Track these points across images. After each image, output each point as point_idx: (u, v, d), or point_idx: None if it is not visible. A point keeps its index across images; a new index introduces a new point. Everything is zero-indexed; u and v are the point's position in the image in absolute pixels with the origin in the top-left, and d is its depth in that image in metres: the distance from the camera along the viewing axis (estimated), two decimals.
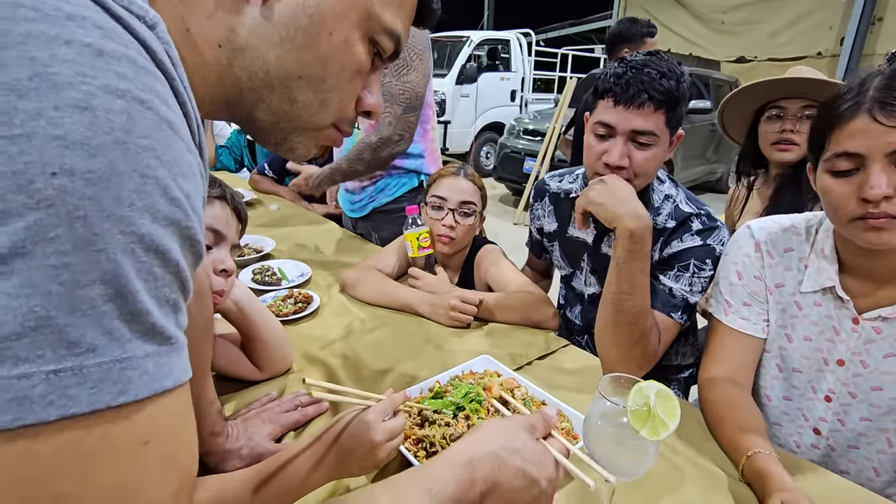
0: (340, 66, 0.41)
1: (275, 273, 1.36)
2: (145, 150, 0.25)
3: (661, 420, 0.52)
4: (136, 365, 0.25)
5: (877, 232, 0.68)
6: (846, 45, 6.49)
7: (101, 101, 0.24)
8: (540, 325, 1.16)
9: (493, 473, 0.48)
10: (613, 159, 0.95)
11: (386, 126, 1.40)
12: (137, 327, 0.25)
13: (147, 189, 0.25)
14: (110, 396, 0.24)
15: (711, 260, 1.00)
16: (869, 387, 0.80)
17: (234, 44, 0.37)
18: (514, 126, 5.63)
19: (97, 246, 0.23)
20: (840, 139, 0.70)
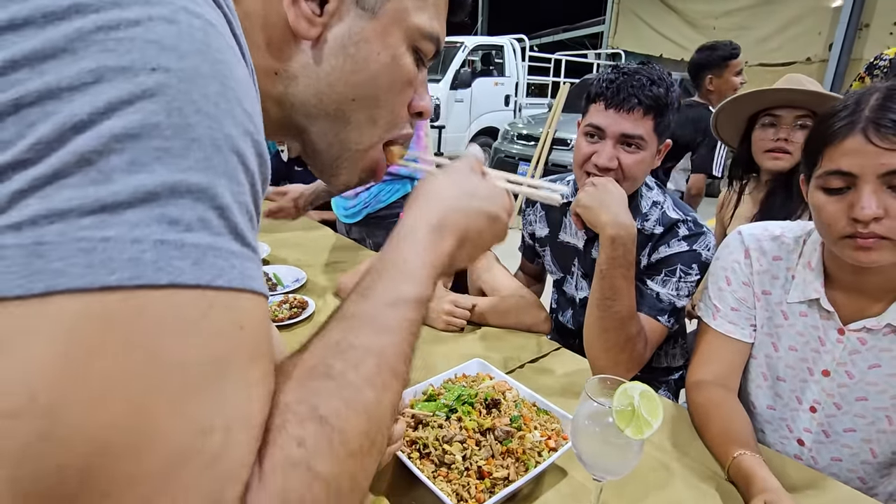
0: (390, 81, 0.43)
1: (270, 278, 1.37)
2: (221, 63, 0.28)
3: (644, 419, 0.54)
4: (225, 257, 0.26)
5: (865, 251, 0.69)
6: (834, 50, 6.59)
7: (184, 17, 0.26)
8: (532, 328, 1.18)
9: (459, 224, 0.46)
10: (602, 161, 0.98)
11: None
12: (224, 223, 0.26)
13: (227, 95, 0.27)
14: (210, 276, 0.25)
15: (697, 265, 1.02)
16: (854, 397, 0.81)
17: (288, 73, 0.40)
18: (508, 131, 5.67)
19: (191, 135, 0.25)
20: (833, 157, 0.71)
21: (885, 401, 0.79)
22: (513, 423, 0.73)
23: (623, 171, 0.99)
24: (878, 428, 0.81)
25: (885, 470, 0.85)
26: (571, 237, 1.23)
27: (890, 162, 0.66)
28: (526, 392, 0.83)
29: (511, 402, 0.78)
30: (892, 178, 0.66)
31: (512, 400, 0.79)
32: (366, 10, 0.41)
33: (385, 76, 0.43)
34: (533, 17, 12.00)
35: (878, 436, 0.82)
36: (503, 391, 0.82)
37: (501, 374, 0.88)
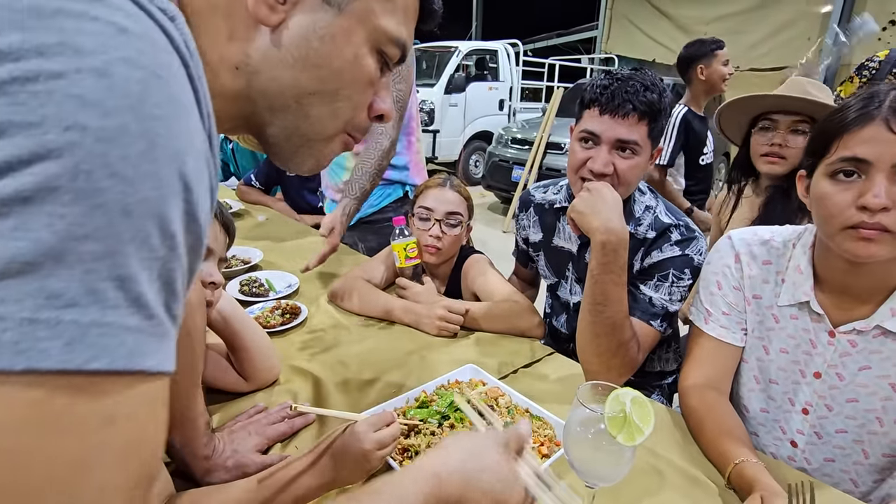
0: (352, 79, 0.43)
1: (262, 284, 1.36)
2: (157, 119, 0.26)
3: (636, 426, 0.54)
4: (114, 333, 0.24)
5: (866, 243, 0.69)
6: (824, 55, 6.67)
7: (119, 70, 0.25)
8: (526, 333, 1.18)
9: (460, 492, 0.47)
10: (598, 166, 0.98)
11: (392, 129, 1.41)
12: (122, 294, 0.24)
13: (154, 156, 0.26)
14: (82, 359, 0.23)
15: (690, 269, 1.02)
16: (845, 399, 0.82)
17: (250, 66, 0.39)
18: (502, 135, 5.69)
19: (97, 200, 0.23)
20: (849, 143, 0.70)
21: (875, 403, 0.80)
22: None
23: (618, 176, 1.00)
24: (869, 429, 0.81)
25: (878, 474, 0.85)
26: (565, 242, 1.23)
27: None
28: (519, 398, 0.82)
29: (504, 409, 0.78)
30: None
31: (505, 406, 0.79)
32: (331, 6, 0.41)
33: (347, 73, 0.43)
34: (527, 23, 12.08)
35: (869, 437, 0.82)
36: (496, 397, 0.82)
37: (494, 380, 0.88)
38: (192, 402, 0.67)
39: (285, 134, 0.43)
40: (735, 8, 7.60)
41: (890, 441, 0.81)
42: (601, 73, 1.04)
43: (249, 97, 0.41)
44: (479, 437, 0.52)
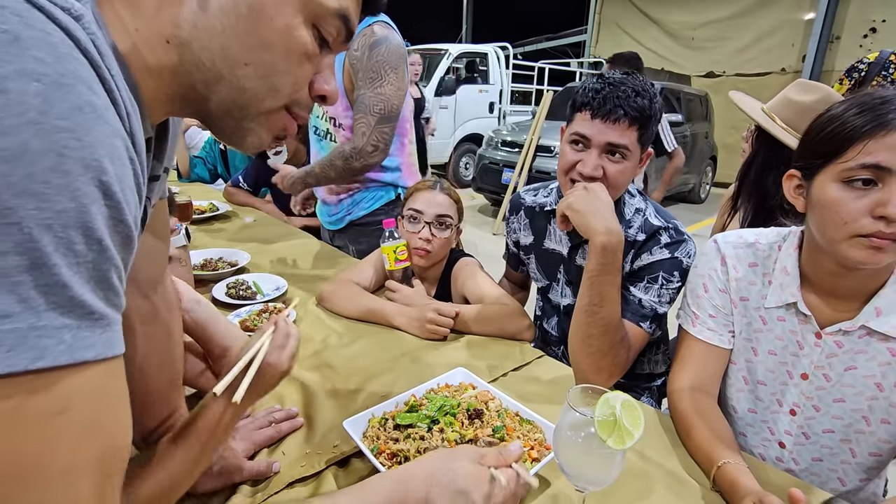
0: (286, 50, 0.42)
1: (249, 287, 1.34)
2: (63, 130, 0.26)
3: (626, 429, 0.54)
4: (51, 334, 0.26)
5: (875, 251, 0.68)
6: (808, 61, 6.80)
7: (14, 85, 0.25)
8: (516, 336, 1.18)
9: (425, 490, 0.50)
10: (588, 169, 0.99)
11: (360, 136, 1.40)
12: (54, 299, 0.26)
13: (65, 168, 0.26)
14: (26, 361, 0.25)
15: (679, 272, 1.03)
16: (832, 399, 0.83)
17: (179, 38, 0.39)
18: (492, 138, 5.71)
19: (10, 219, 0.24)
20: (871, 149, 0.68)
21: (861, 402, 0.81)
22: (496, 434, 0.72)
23: (608, 179, 1.01)
24: (856, 429, 0.82)
25: (864, 473, 0.86)
26: (556, 244, 1.23)
27: None
28: (509, 402, 0.82)
29: (494, 413, 0.78)
30: None
31: (495, 410, 0.79)
32: None
33: (280, 44, 0.42)
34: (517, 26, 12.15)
35: (856, 436, 0.83)
36: (486, 401, 0.81)
37: (484, 384, 0.88)
38: (174, 404, 0.65)
39: (224, 108, 0.43)
40: (721, 14, 7.72)
41: (877, 440, 0.82)
42: (593, 76, 1.05)
43: (184, 71, 0.40)
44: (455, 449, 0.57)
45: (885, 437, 0.81)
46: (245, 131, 0.45)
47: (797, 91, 1.28)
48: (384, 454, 0.70)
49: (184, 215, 1.75)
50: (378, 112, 1.39)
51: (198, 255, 1.51)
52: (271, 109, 0.44)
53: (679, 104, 6.02)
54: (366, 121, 1.39)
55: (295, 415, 0.85)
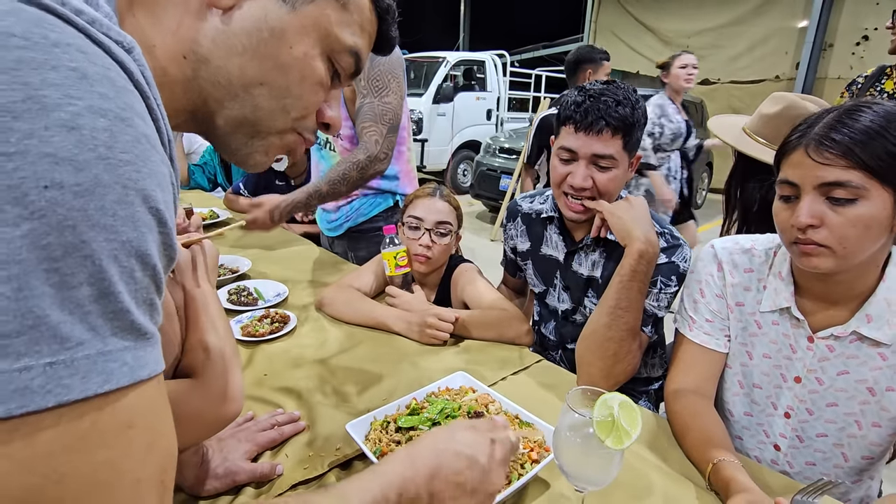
0: (301, 76, 0.44)
1: (251, 293, 1.35)
2: (126, 164, 0.28)
3: (624, 430, 0.55)
4: (116, 357, 0.28)
5: (807, 257, 0.74)
6: (801, 69, 6.87)
7: (86, 121, 0.26)
8: (514, 341, 1.19)
9: (433, 461, 0.51)
10: (577, 181, 1.03)
11: (373, 145, 1.40)
12: (118, 324, 0.28)
13: (129, 199, 0.28)
14: (97, 384, 0.27)
15: (676, 276, 1.05)
16: (825, 403, 0.84)
17: (198, 55, 0.40)
18: (490, 144, 5.74)
19: (84, 252, 0.26)
20: (784, 167, 0.77)
21: (853, 406, 0.82)
22: None
23: (598, 188, 1.04)
24: (849, 433, 0.84)
25: (856, 476, 0.88)
26: (553, 250, 1.25)
27: (824, 175, 0.71)
28: (509, 405, 0.83)
29: (494, 415, 0.79)
30: (828, 190, 0.71)
31: (495, 412, 0.80)
32: (286, 3, 0.42)
33: (296, 70, 0.44)
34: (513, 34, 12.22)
35: (848, 440, 0.84)
36: (486, 404, 0.82)
37: (484, 387, 0.89)
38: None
39: (234, 124, 0.44)
40: (715, 22, 7.80)
41: (868, 443, 0.83)
42: (575, 88, 1.08)
43: (197, 86, 0.41)
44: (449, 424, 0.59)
45: (876, 440, 0.83)
46: (252, 149, 0.47)
47: (768, 104, 1.31)
48: (386, 456, 0.71)
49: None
50: (389, 121, 1.40)
51: None
52: (281, 129, 0.46)
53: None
54: (377, 129, 1.40)
55: (297, 418, 0.86)
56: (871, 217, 0.69)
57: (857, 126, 0.69)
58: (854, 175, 0.69)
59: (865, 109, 0.71)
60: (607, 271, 1.15)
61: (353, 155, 1.41)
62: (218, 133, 0.45)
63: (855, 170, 0.69)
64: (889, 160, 0.68)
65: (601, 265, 1.16)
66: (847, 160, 0.69)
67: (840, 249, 0.72)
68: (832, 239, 0.71)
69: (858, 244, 0.71)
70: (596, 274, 1.17)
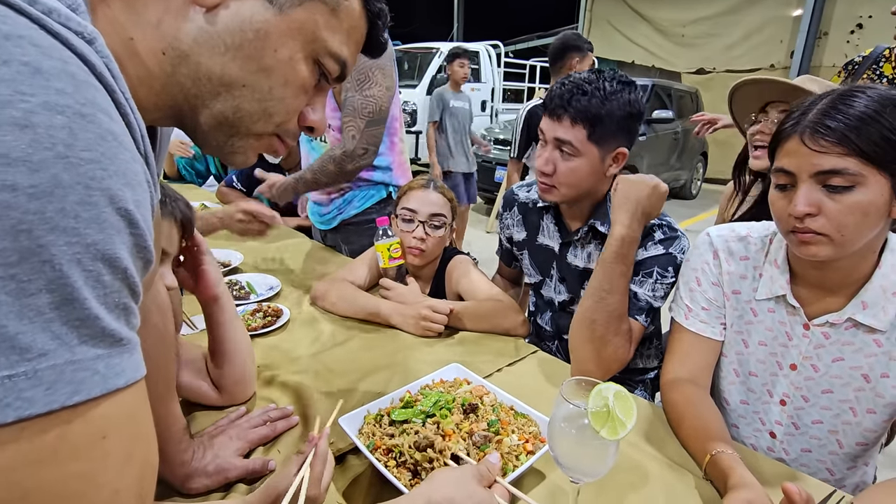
0: (284, 80, 0.43)
1: (243, 287, 1.34)
2: (89, 162, 0.26)
3: (619, 420, 0.55)
4: (86, 366, 0.26)
5: (805, 245, 0.73)
6: (796, 57, 6.85)
7: (41, 119, 0.24)
8: (510, 332, 1.18)
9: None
10: (539, 164, 1.08)
11: (350, 140, 1.39)
12: (86, 332, 0.27)
13: (93, 200, 0.26)
14: (64, 396, 0.26)
15: (673, 267, 1.04)
16: (820, 390, 0.84)
17: (178, 51, 0.39)
18: (484, 136, 5.71)
19: (42, 257, 0.24)
20: (780, 156, 0.76)
21: (848, 393, 0.82)
22: (490, 428, 0.73)
23: (557, 175, 1.07)
24: (844, 419, 0.84)
25: (852, 462, 0.88)
26: (549, 240, 1.24)
27: (820, 163, 0.70)
28: (504, 396, 0.82)
29: (489, 407, 0.78)
30: (825, 178, 0.70)
31: (490, 404, 0.79)
32: (272, 5, 0.41)
33: (280, 73, 0.43)
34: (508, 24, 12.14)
35: (843, 427, 0.84)
36: (481, 396, 0.82)
37: (479, 379, 0.88)
38: (167, 408, 0.65)
39: (216, 122, 0.43)
40: (710, 11, 7.76)
41: (863, 430, 0.83)
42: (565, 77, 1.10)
43: (177, 83, 0.40)
44: (461, 471, 0.60)
45: (870, 426, 0.83)
46: (233, 148, 0.46)
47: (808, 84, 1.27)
48: (380, 450, 0.70)
49: None
50: (368, 115, 1.38)
51: None
52: (261, 133, 0.45)
53: (670, 100, 6.06)
54: (355, 124, 1.38)
55: (290, 413, 0.85)
56: (869, 203, 0.69)
57: (852, 112, 0.68)
58: (850, 162, 0.68)
59: (859, 94, 0.70)
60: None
61: (333, 148, 1.42)
62: (199, 130, 0.44)
63: (851, 157, 0.68)
64: (885, 145, 0.67)
65: (597, 257, 1.15)
66: (843, 147, 0.68)
67: (838, 237, 0.71)
68: (830, 227, 0.71)
69: (856, 231, 0.71)
70: (592, 266, 1.16)
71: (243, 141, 0.45)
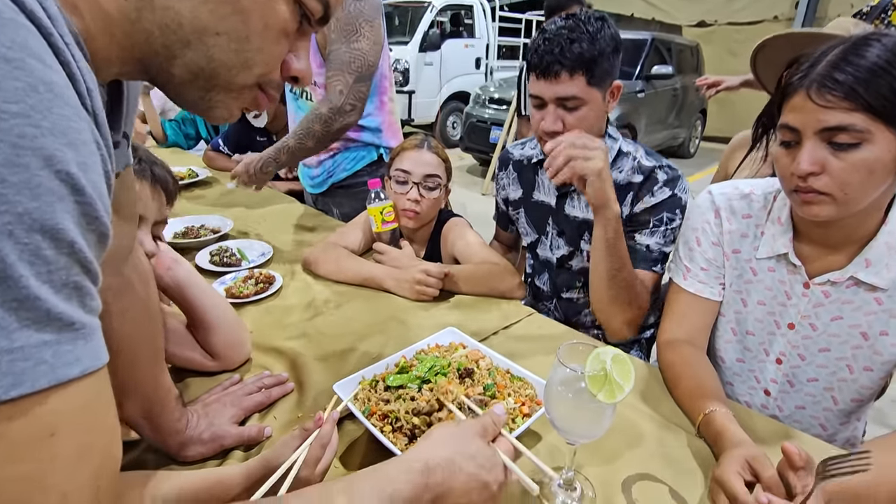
0: (263, 24, 0.39)
1: (234, 254, 1.31)
2: (15, 116, 0.22)
3: (617, 384, 0.54)
4: (28, 355, 0.23)
5: (807, 205, 0.71)
6: (800, 8, 6.61)
7: None
8: (506, 295, 1.17)
9: (447, 478, 0.49)
10: (548, 125, 1.03)
11: (337, 95, 1.31)
12: (27, 315, 0.23)
13: (23, 161, 0.23)
14: (3, 389, 0.23)
15: (679, 209, 1.07)
16: (817, 349, 0.84)
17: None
18: (479, 95, 5.56)
19: None
20: (785, 111, 0.72)
21: (846, 351, 0.82)
22: (486, 392, 0.72)
23: (568, 129, 1.02)
24: (840, 377, 0.84)
25: (845, 418, 0.89)
26: (545, 195, 1.23)
27: (826, 119, 0.66)
28: (500, 360, 0.82)
29: (485, 371, 0.77)
30: (830, 135, 0.67)
31: (485, 368, 0.78)
32: None
33: (257, 16, 0.38)
34: None
35: (839, 384, 0.85)
36: (477, 360, 0.81)
37: (475, 343, 0.87)
38: (157, 379, 0.64)
39: (190, 75, 0.39)
40: None
41: (859, 387, 0.84)
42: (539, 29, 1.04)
43: (143, 30, 0.36)
44: (462, 427, 0.54)
45: (866, 383, 0.83)
46: (212, 103, 0.41)
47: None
48: (375, 415, 0.70)
49: None
50: (356, 70, 1.31)
51: (178, 223, 1.47)
52: (242, 85, 0.41)
53: (670, 55, 5.88)
54: (342, 78, 1.31)
55: (285, 380, 0.84)
56: (875, 161, 0.66)
57: (863, 63, 0.65)
58: (857, 118, 0.65)
59: (873, 42, 0.66)
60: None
61: (317, 107, 1.33)
62: (172, 84, 0.40)
63: (858, 112, 0.65)
64: (895, 99, 0.64)
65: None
66: (850, 102, 0.65)
67: (841, 196, 0.69)
68: (833, 186, 0.68)
69: (861, 190, 0.68)
70: (591, 216, 1.15)
71: (223, 95, 0.41)
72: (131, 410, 0.63)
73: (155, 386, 0.64)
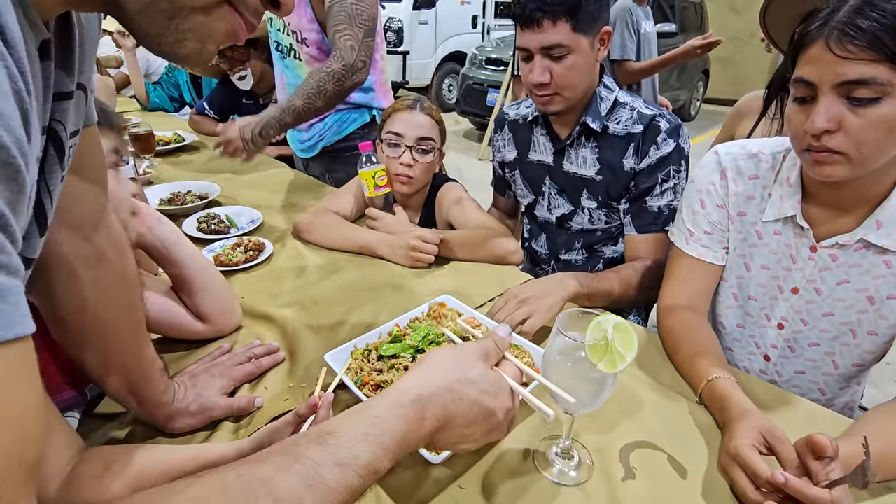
0: None
1: (222, 220, 1.27)
2: None
3: (618, 353, 0.51)
4: None
5: (819, 165, 0.67)
6: None
7: None
8: (503, 260, 1.14)
9: (446, 408, 0.43)
10: (535, 78, 1.00)
11: (349, 51, 1.22)
12: None
13: None
14: None
15: (684, 160, 1.06)
16: (821, 313, 0.82)
17: None
18: (476, 55, 5.38)
19: None
20: (801, 63, 0.67)
21: (851, 315, 0.80)
22: None
23: (556, 82, 1.00)
24: (842, 342, 0.82)
25: (845, 382, 0.88)
26: (541, 154, 1.21)
27: (845, 72, 0.62)
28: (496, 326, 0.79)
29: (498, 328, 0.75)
30: (849, 90, 0.62)
31: (482, 336, 0.76)
32: None
33: None
34: None
35: (841, 349, 0.83)
36: (474, 327, 0.79)
37: (471, 310, 0.85)
38: (139, 350, 0.61)
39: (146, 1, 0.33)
40: None
41: (862, 351, 0.82)
42: None
43: None
44: (460, 350, 0.49)
45: (870, 348, 0.82)
46: (179, 35, 0.35)
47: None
48: (368, 385, 0.68)
49: (146, 147, 1.63)
50: (364, 23, 1.23)
51: (164, 189, 1.42)
52: (206, 4, 0.35)
53: (673, 13, 5.66)
54: (352, 32, 1.22)
55: (276, 350, 0.82)
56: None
57: (890, 8, 0.59)
58: (880, 70, 0.60)
59: None
60: (605, 167, 1.12)
61: (328, 64, 1.23)
62: (129, 12, 0.34)
63: (881, 63, 0.60)
64: None
65: (595, 161, 1.13)
66: (873, 52, 0.60)
67: (857, 155, 0.65)
68: (849, 144, 0.64)
69: (878, 148, 0.64)
70: (591, 173, 1.14)
71: (189, 21, 0.35)
72: (115, 384, 0.60)
73: (137, 357, 0.61)
